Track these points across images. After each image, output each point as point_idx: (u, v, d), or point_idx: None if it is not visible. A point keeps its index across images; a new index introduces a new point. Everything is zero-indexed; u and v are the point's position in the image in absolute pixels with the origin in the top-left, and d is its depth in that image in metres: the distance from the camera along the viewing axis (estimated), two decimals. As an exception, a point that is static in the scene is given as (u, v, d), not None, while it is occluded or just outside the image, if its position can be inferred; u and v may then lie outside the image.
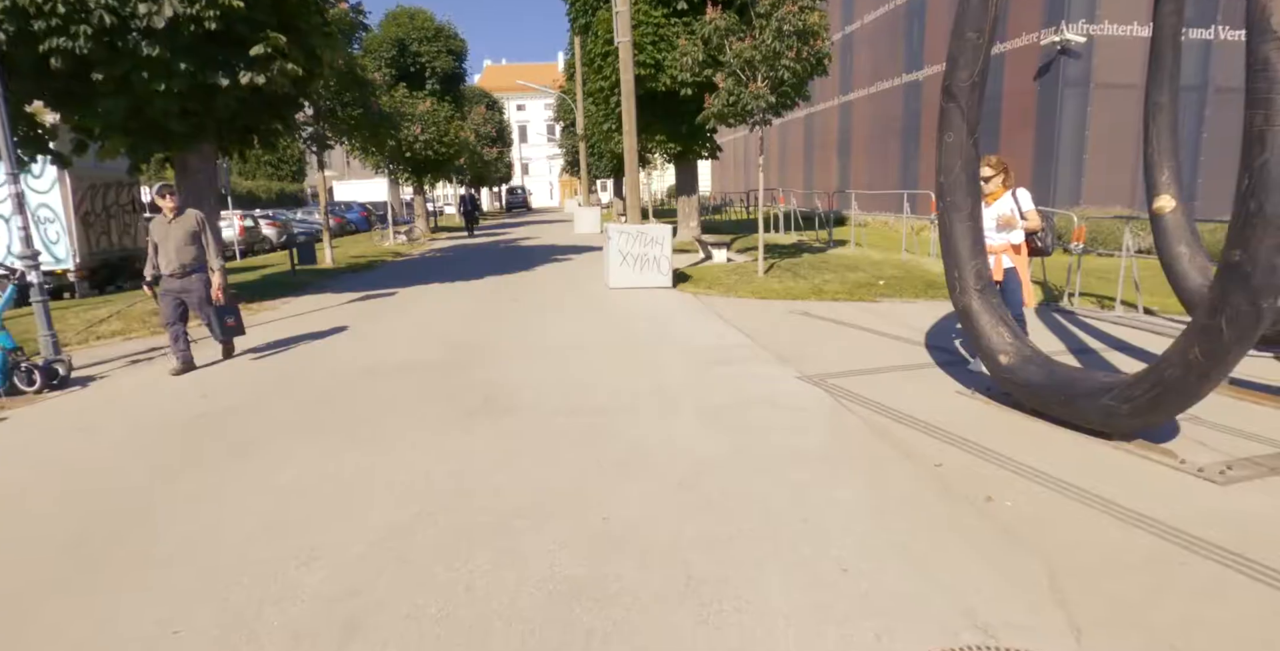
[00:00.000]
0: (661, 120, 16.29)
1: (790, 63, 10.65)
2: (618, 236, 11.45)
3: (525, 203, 61.79)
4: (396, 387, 5.96)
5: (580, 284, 12.53)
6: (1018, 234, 5.67)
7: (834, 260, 13.47)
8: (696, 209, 18.02)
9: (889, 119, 25.36)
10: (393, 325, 9.12)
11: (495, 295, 11.53)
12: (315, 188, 63.08)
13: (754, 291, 10.87)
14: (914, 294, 10.40)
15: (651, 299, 10.64)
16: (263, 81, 9.08)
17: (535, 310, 9.91)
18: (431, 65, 27.81)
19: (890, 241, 17.55)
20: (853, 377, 5.92)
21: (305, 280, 14.45)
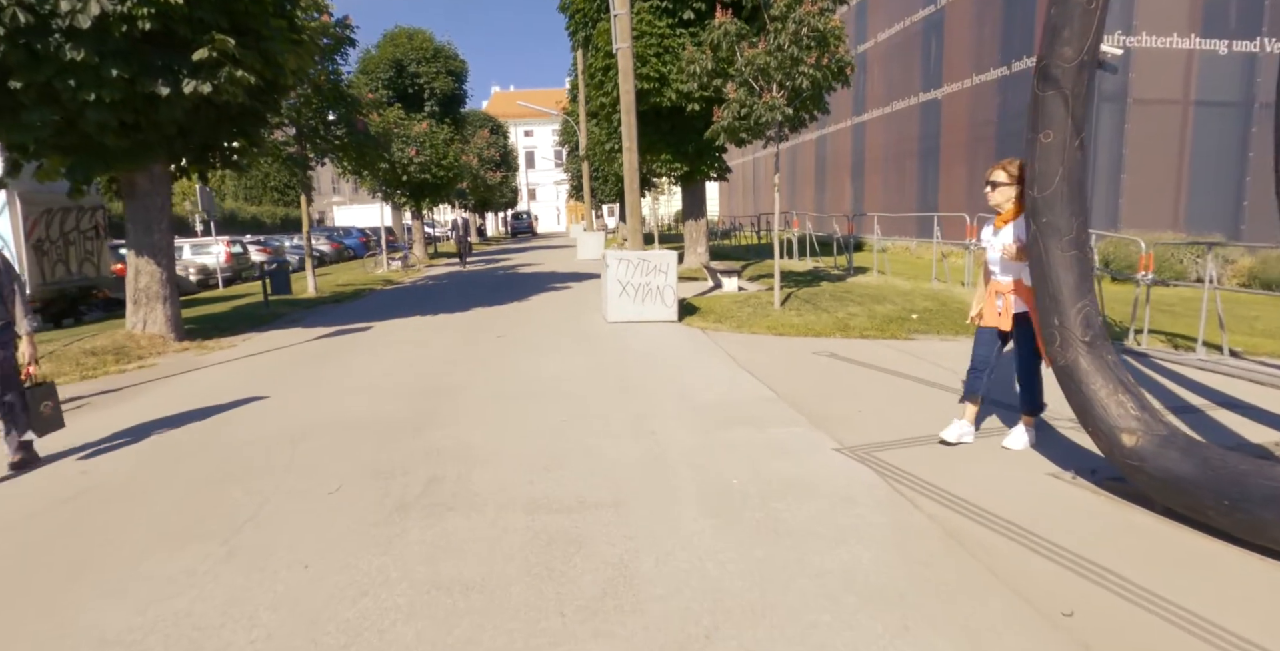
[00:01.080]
0: (666, 138, 15.15)
1: (809, 70, 9.48)
2: (616, 264, 10.23)
3: (530, 228, 60.94)
4: (321, 462, 4.67)
5: (576, 316, 11.28)
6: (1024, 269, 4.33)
7: (857, 290, 12.19)
8: (704, 234, 16.82)
9: (906, 140, 24.23)
10: (351, 368, 7.86)
11: (480, 330, 10.28)
12: (322, 212, 62.46)
13: (770, 326, 9.59)
14: (953, 330, 9.10)
15: (654, 335, 9.37)
16: (209, 90, 7.94)
17: (520, 349, 8.64)
18: (430, 86, 26.93)
19: (915, 268, 16.28)
20: (905, 448, 4.61)
21: (279, 312, 13.26)
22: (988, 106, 19.65)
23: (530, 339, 9.35)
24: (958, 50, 21.06)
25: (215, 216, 19.25)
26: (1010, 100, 18.61)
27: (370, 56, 26.35)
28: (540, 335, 9.65)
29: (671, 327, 9.93)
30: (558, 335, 9.60)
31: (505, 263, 25.85)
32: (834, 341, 8.73)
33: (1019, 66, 18.22)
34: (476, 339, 9.52)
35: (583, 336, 9.43)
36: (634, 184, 11.14)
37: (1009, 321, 4.39)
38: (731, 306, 11.16)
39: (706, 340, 8.97)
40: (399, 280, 20.29)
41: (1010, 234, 4.29)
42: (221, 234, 36.77)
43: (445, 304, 13.67)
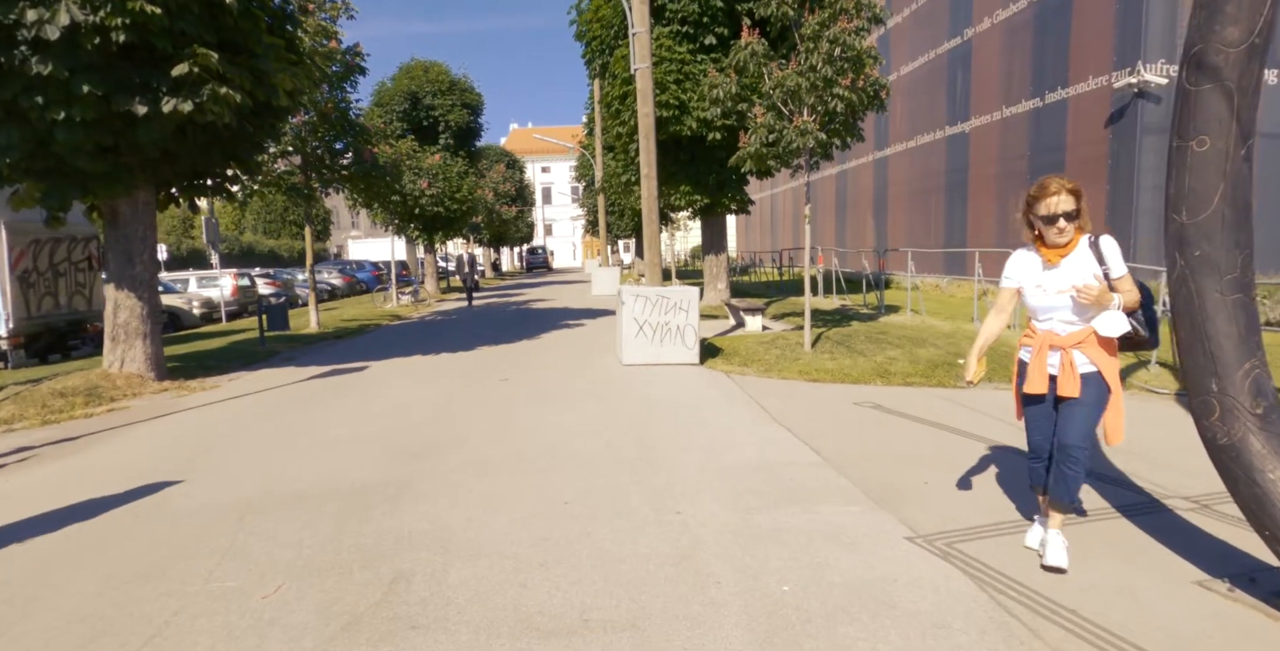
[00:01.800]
0: (686, 169, 14.44)
1: (844, 92, 8.72)
2: (633, 301, 9.39)
3: (546, 263, 60.60)
4: (266, 548, 3.77)
5: (589, 357, 10.42)
6: (1109, 318, 3.21)
7: (893, 331, 11.26)
8: (725, 269, 16.00)
9: (931, 175, 23.48)
10: (334, 417, 7.01)
11: (485, 372, 9.43)
12: (340, 245, 62.44)
13: (802, 371, 8.67)
14: (1005, 377, 8.13)
15: (674, 380, 8.47)
16: (189, 109, 7.25)
17: (525, 396, 7.76)
18: (445, 119, 26.57)
19: (949, 307, 15.34)
20: (993, 538, 3.67)
21: (275, 349, 12.49)
22: (1019, 139, 18.89)
23: (537, 383, 8.47)
24: (986, 82, 20.40)
25: (220, 248, 18.66)
26: (1043, 133, 17.85)
27: (385, 89, 26.09)
28: (548, 379, 8.78)
29: (693, 371, 9.04)
30: (567, 379, 8.72)
31: (518, 298, 25.14)
32: (875, 390, 7.80)
33: (1052, 98, 17.49)
34: (478, 382, 8.65)
35: (595, 381, 8.55)
36: (653, 214, 10.35)
37: (1075, 385, 3.24)
38: (757, 348, 10.26)
39: (733, 387, 8.06)
40: (407, 315, 19.57)
41: (1081, 268, 3.21)
42: (239, 266, 36.57)
43: (450, 342, 12.86)
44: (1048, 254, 3.28)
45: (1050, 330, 3.35)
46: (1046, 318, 3.35)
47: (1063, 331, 3.31)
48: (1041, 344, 3.35)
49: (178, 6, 7.00)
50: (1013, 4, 18.97)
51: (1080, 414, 3.25)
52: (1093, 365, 3.26)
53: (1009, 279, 3.48)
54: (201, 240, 49.18)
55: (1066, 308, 3.26)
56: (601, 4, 14.36)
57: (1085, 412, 3.25)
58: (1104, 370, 3.25)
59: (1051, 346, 3.32)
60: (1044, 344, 3.34)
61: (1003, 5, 19.44)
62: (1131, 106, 15.35)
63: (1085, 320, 3.27)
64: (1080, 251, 3.24)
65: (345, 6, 14.76)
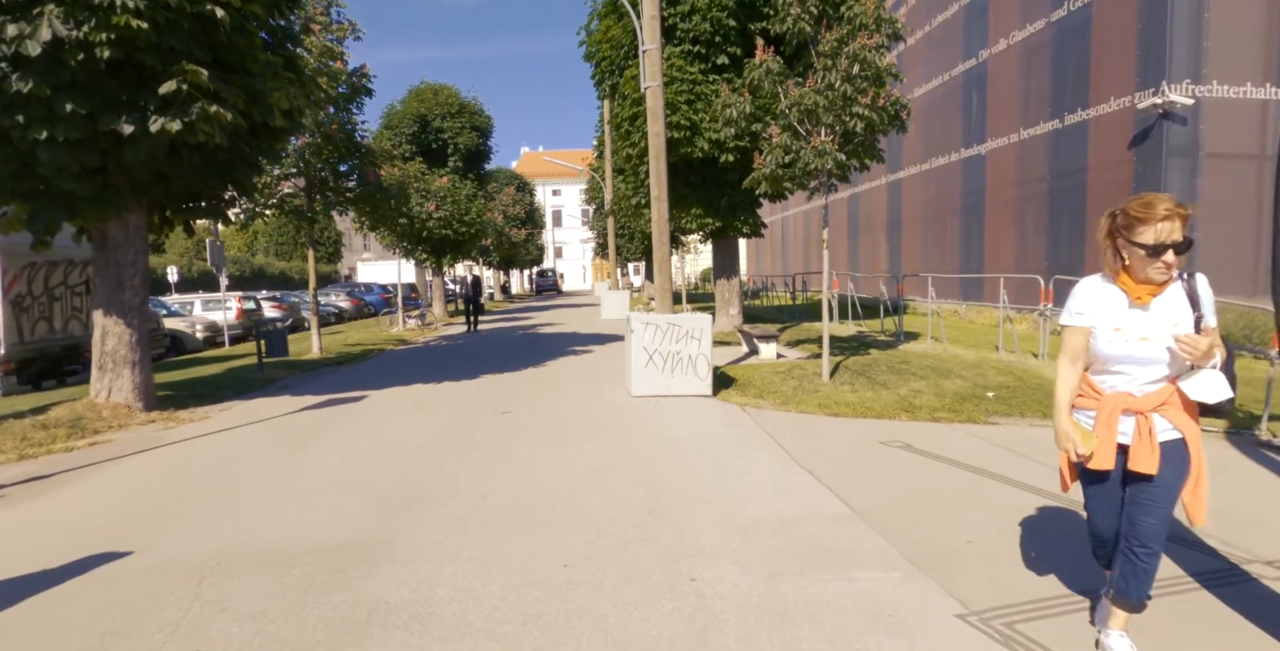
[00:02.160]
0: (697, 192, 14.06)
1: (864, 110, 8.32)
2: (642, 329, 8.93)
3: (555, 285, 60.37)
4: (220, 622, 3.29)
5: (596, 387, 9.95)
6: (1208, 380, 2.60)
7: (915, 360, 10.75)
8: (738, 294, 15.56)
9: (947, 198, 23.07)
10: (321, 456, 6.56)
11: (486, 403, 8.98)
12: (353, 268, 62.39)
13: (821, 404, 8.17)
14: (1039, 411, 7.63)
15: (686, 415, 7.99)
16: (178, 128, 6.91)
17: (526, 432, 7.29)
18: (454, 141, 26.42)
19: (970, 334, 14.81)
20: (1059, 616, 3.16)
21: (272, 376, 12.08)
22: (1038, 162, 18.47)
23: (540, 418, 8.00)
24: (1003, 104, 20.04)
25: (230, 270, 18.36)
26: (1063, 155, 17.42)
27: (394, 111, 25.99)
28: (552, 411, 8.30)
29: (706, 404, 8.55)
30: (573, 412, 8.24)
31: (526, 321, 24.75)
32: (901, 426, 7.29)
33: (1072, 119, 17.09)
34: (478, 416, 8.19)
35: (602, 415, 8.07)
36: (664, 237, 9.93)
37: (1154, 459, 2.63)
38: (772, 378, 9.77)
39: (748, 422, 7.56)
40: (413, 340, 19.19)
41: (1174, 312, 2.64)
42: (250, 288, 36.38)
43: (455, 369, 12.43)
44: (1136, 290, 2.67)
45: (1124, 391, 2.71)
46: (1119, 370, 2.71)
47: (1140, 391, 2.70)
48: (1111, 408, 2.70)
49: (167, 22, 6.68)
50: (1029, 25, 18.67)
51: (1160, 495, 2.68)
52: (1176, 431, 2.67)
53: (1080, 314, 2.81)
54: (209, 264, 49.38)
55: (1151, 360, 2.65)
56: (611, 24, 14.11)
57: (1166, 493, 2.68)
58: (1189, 437, 2.67)
59: (1125, 410, 2.69)
60: (1114, 408, 2.70)
61: (1019, 26, 19.14)
62: (1156, 127, 14.91)
63: (1168, 377, 2.68)
64: (1173, 291, 2.67)
65: (352, 28, 14.57)
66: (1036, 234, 18.69)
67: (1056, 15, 17.56)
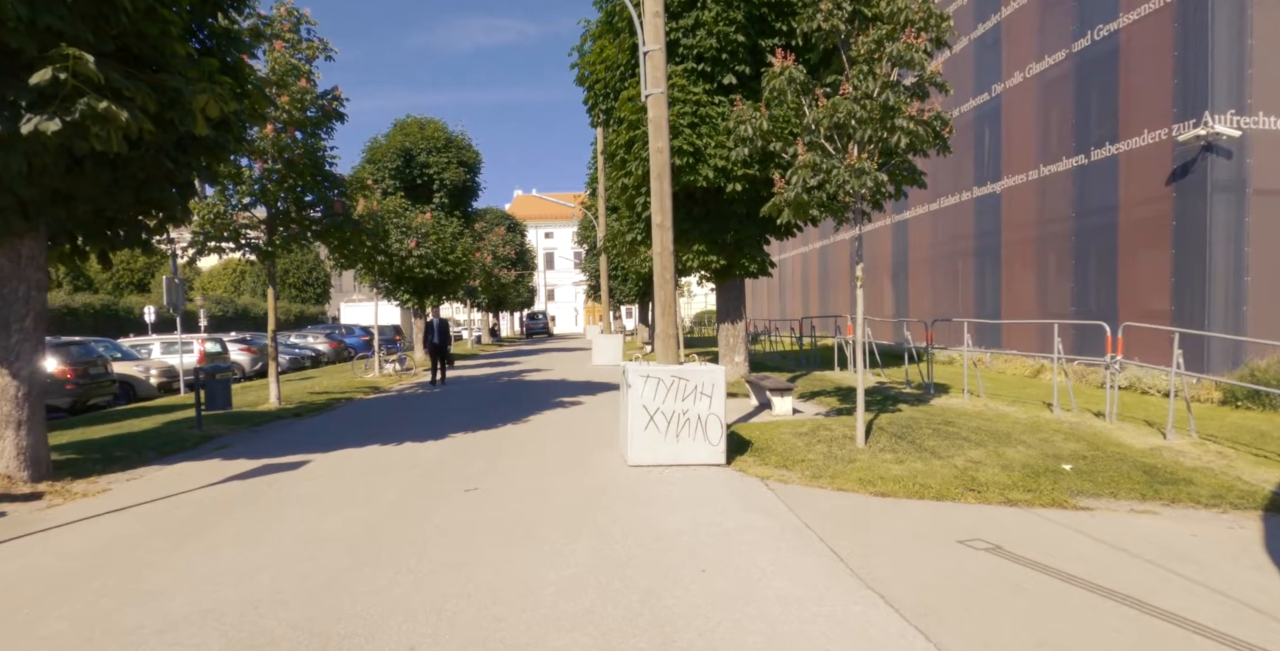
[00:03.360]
0: (700, 226, 12.67)
1: (908, 123, 6.96)
2: (642, 384, 7.38)
3: (546, 328, 58.83)
4: None
5: (585, 451, 8.34)
6: None
7: (959, 420, 9.20)
8: (743, 340, 14.05)
9: (959, 239, 21.83)
10: (217, 560, 4.91)
11: (449, 474, 7.35)
12: (342, 308, 60.76)
13: (863, 479, 6.60)
14: (1138, 493, 6.08)
15: (697, 494, 6.38)
16: (56, 128, 5.44)
17: (490, 524, 5.66)
18: (440, 177, 25.18)
19: (1004, 387, 13.29)
20: None
21: (212, 433, 10.42)
22: (1061, 200, 17.24)
23: (511, 499, 6.36)
24: (1020, 140, 18.92)
25: (182, 310, 16.79)
26: (1090, 192, 16.19)
27: (378, 145, 24.79)
28: (529, 488, 6.67)
29: (720, 478, 6.94)
30: (554, 489, 6.61)
31: (512, 367, 23.15)
32: (972, 512, 5.71)
33: (1100, 154, 15.89)
34: (436, 494, 6.55)
35: (591, 495, 6.45)
36: (667, 272, 8.43)
37: None
38: (795, 441, 8.20)
39: (777, 506, 5.97)
40: (387, 387, 17.55)
41: None
42: (236, 329, 34.68)
43: (422, 424, 10.81)
44: None
45: None
46: None
47: None
48: None
49: (43, -7, 5.27)
50: (1048, 57, 17.64)
51: None
52: None
53: None
54: (196, 302, 47.61)
55: None
56: (606, 44, 12.89)
57: None
58: None
59: None
60: None
61: (1036, 58, 18.13)
62: (1199, 161, 13.68)
63: None
64: None
65: (323, 46, 13.32)
66: (1060, 277, 17.35)
67: (1079, 45, 16.51)
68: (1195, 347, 13.38)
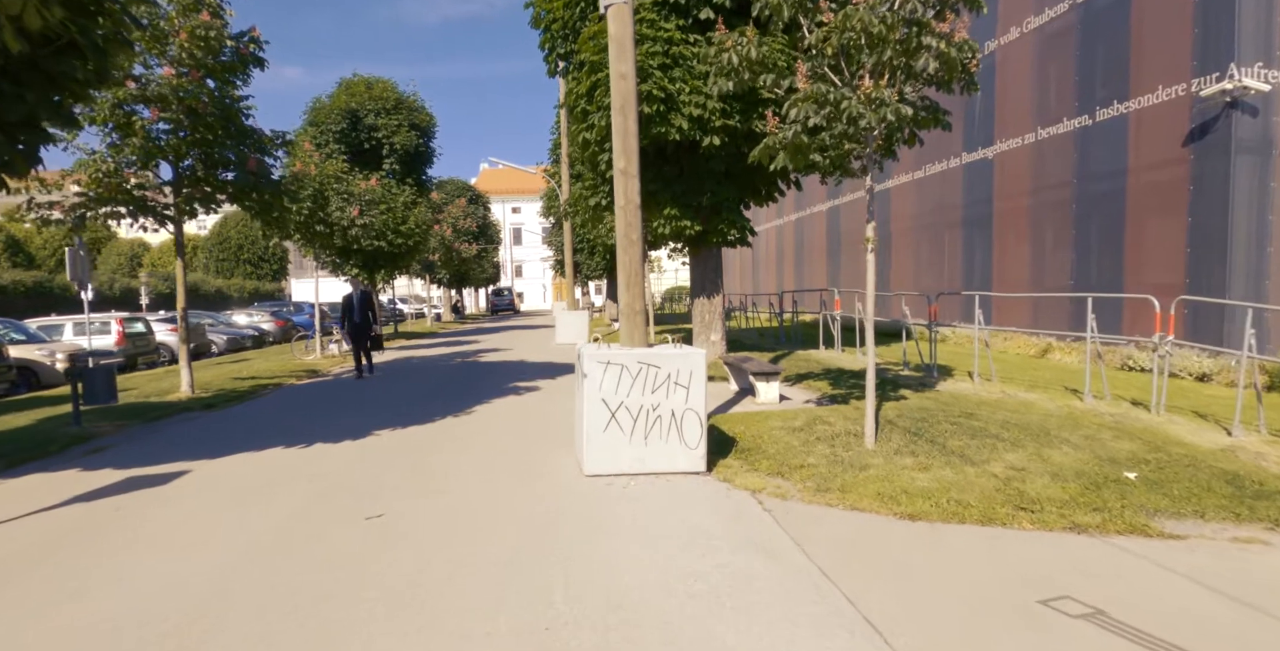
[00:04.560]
0: (671, 187, 11.09)
1: (938, 43, 5.45)
2: (600, 373, 5.85)
3: (512, 305, 56.89)
4: None
5: (534, 455, 6.81)
6: None
7: (980, 410, 7.82)
8: (720, 316, 12.57)
9: (945, 208, 20.48)
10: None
11: (351, 493, 5.78)
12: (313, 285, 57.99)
13: (883, 494, 5.16)
14: (1228, 511, 4.74)
15: (672, 522, 4.87)
16: None
17: (387, 575, 4.12)
18: (389, 141, 23.20)
19: (1011, 369, 11.98)
20: None
21: (93, 431, 8.72)
22: (1061, 165, 15.90)
23: (421, 533, 4.79)
24: (1015, 100, 17.51)
25: (89, 285, 14.84)
26: (1094, 155, 14.87)
27: (321, 105, 22.71)
28: (448, 515, 5.10)
29: (701, 492, 5.46)
30: (482, 517, 5.05)
31: (469, 346, 21.48)
32: (1031, 543, 4.31)
33: (1106, 114, 14.55)
34: (325, 524, 4.97)
35: (533, 522, 4.92)
36: (633, 231, 6.84)
37: None
38: (789, 439, 6.76)
39: (779, 538, 4.49)
40: (325, 370, 15.84)
41: None
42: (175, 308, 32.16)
43: (350, 416, 9.22)
44: None
45: None
46: None
47: None
48: None
49: None
50: (1048, 9, 16.18)
51: None
52: None
53: None
54: (140, 279, 44.80)
55: None
56: (564, -23, 11.16)
57: None
58: None
59: None
60: None
61: (1035, 11, 16.66)
62: (1221, 119, 12.37)
63: None
64: None
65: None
66: (1058, 248, 16.08)
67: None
68: (1213, 324, 12.20)
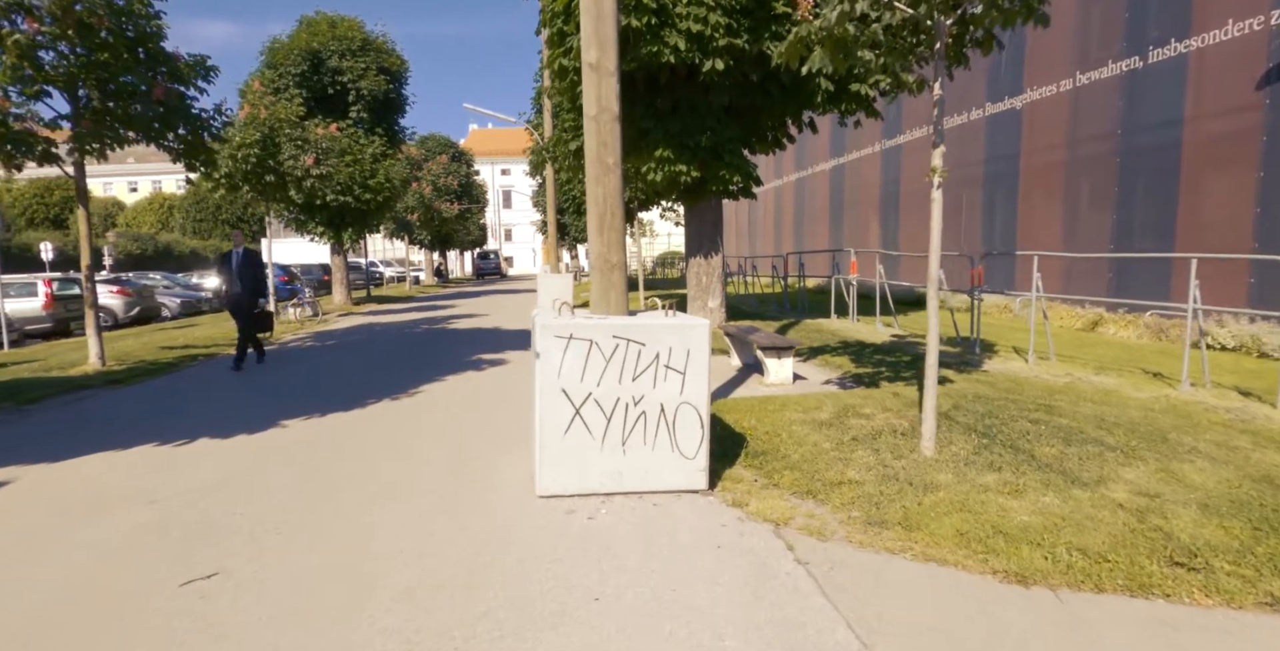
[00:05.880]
0: (665, 125, 9.26)
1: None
2: (560, 352, 4.14)
3: (499, 269, 54.86)
4: None
5: (474, 463, 5.13)
6: None
7: (1057, 401, 6.16)
8: (720, 279, 10.84)
9: (963, 166, 18.64)
10: None
11: (192, 530, 4.10)
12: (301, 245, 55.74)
13: (962, 531, 3.51)
14: None
15: (660, 586, 3.19)
16: None
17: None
18: (355, 86, 21.10)
19: (1063, 345, 10.31)
20: None
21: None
22: (1103, 114, 14.07)
23: (263, 608, 3.11)
24: (1049, 43, 15.55)
25: (122, 248, 12.89)
26: (1144, 103, 13.05)
27: (279, 45, 20.54)
28: (320, 575, 3.38)
29: (701, 528, 3.77)
30: (368, 579, 3.35)
31: (443, 312, 19.72)
32: (1217, 629, 2.66)
33: (1160, 55, 12.69)
34: (132, 588, 3.28)
35: (441, 595, 3.25)
36: (609, 153, 5.00)
37: None
38: (816, 437, 5.10)
39: (825, 619, 2.84)
40: (275, 338, 14.09)
41: None
42: (156, 270, 30.12)
43: (264, 396, 7.52)
44: None
45: None
46: None
47: None
48: None
49: None
50: (1094, -67, 14.22)
51: None
52: None
53: None
54: (107, 238, 42.47)
55: None
56: None
57: None
58: None
59: None
60: None
61: (1077, -62, 14.70)
62: (1307, 55, 10.60)
63: None
64: None
65: None
66: (1097, 207, 14.33)
67: (1141, -88, 13.14)
68: None
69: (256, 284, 9.94)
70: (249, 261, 9.93)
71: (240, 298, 9.75)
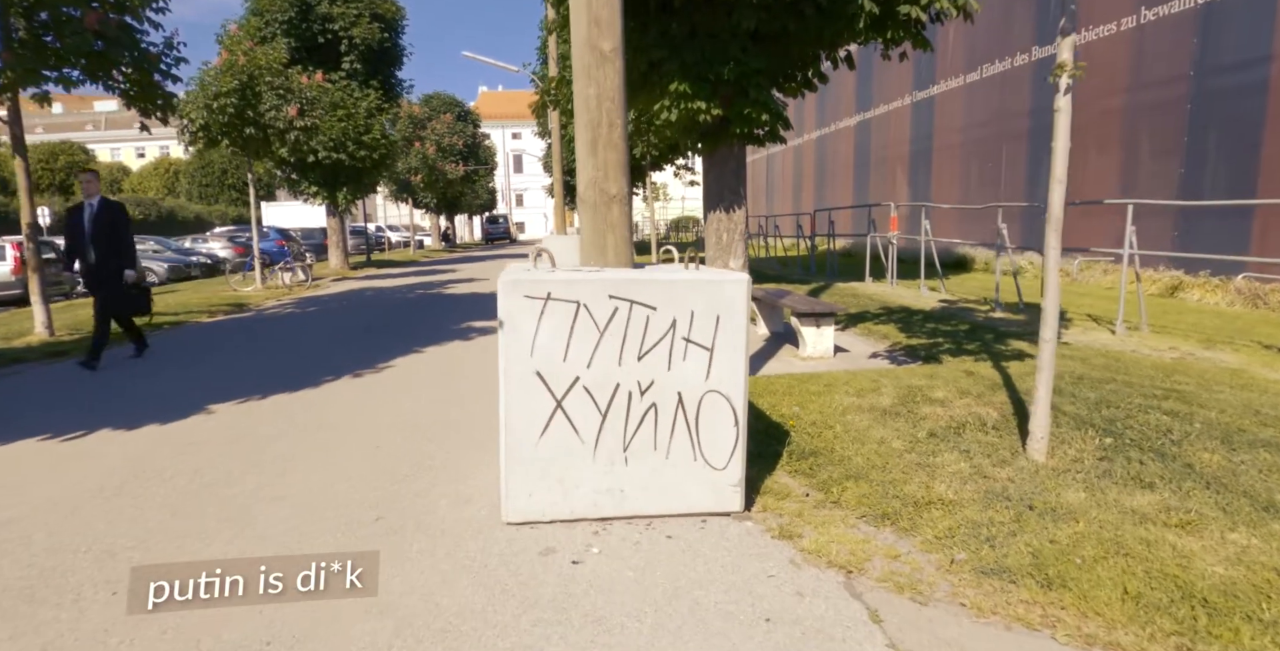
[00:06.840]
0: (681, 54, 7.87)
1: None
2: (533, 316, 2.92)
3: (508, 234, 53.60)
4: None
5: (428, 472, 3.96)
6: None
7: (1182, 385, 4.89)
8: (742, 236, 9.52)
9: (1005, 117, 17.09)
10: None
11: (29, 567, 2.96)
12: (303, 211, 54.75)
13: (1132, 591, 2.30)
14: None
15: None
16: None
17: None
18: (347, 34, 19.65)
19: (1152, 313, 8.96)
20: None
21: None
22: (1170, 55, 12.49)
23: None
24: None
25: None
26: (1220, 41, 11.48)
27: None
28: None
29: (737, 575, 2.58)
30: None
31: (442, 276, 18.54)
32: None
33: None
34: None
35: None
36: (606, 38, 3.73)
37: None
38: (879, 430, 3.89)
39: None
40: (256, 304, 12.98)
41: None
42: (159, 235, 29.01)
43: (209, 370, 6.38)
44: None
45: None
46: None
47: None
48: None
49: None
50: None
51: None
52: None
53: None
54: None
55: None
56: None
57: None
58: None
59: None
60: None
61: None
62: None
63: None
64: None
65: None
66: (1161, 156, 12.82)
67: None
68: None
69: (120, 248, 7.05)
70: (108, 217, 7.01)
71: (94, 268, 6.91)
